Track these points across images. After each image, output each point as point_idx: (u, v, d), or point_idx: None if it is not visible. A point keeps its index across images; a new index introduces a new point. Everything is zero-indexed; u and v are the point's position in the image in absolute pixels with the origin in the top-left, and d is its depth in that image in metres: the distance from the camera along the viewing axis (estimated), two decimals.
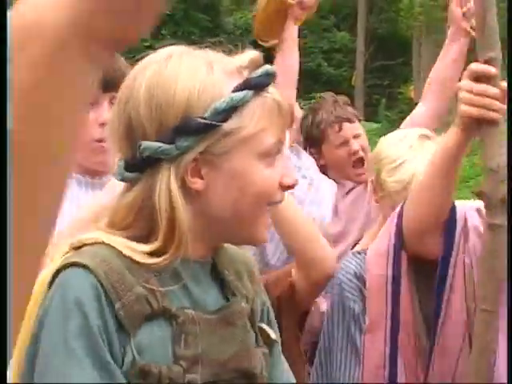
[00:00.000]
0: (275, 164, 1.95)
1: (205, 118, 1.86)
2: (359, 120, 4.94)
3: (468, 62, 3.43)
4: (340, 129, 4.70)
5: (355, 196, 4.59)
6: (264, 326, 2.11)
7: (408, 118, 4.53)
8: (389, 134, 3.83)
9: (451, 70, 4.22)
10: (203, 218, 1.96)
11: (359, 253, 3.61)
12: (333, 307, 3.46)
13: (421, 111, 4.31)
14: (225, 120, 1.88)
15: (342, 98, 4.93)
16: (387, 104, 29.40)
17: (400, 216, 3.10)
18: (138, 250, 1.87)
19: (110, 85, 3.02)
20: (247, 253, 2.24)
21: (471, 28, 3.98)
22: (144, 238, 1.90)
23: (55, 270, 1.83)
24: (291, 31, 4.32)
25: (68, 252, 1.88)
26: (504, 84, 2.72)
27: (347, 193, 4.73)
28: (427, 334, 3.15)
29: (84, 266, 1.80)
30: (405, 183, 3.35)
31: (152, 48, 2.11)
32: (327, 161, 4.80)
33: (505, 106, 2.69)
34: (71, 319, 1.75)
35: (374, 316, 3.22)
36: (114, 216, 1.94)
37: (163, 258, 1.86)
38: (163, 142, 1.87)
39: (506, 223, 2.63)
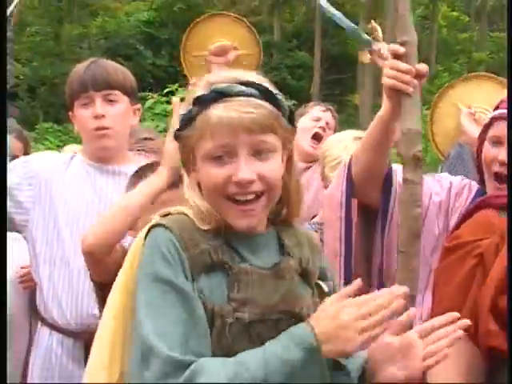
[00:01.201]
0: (226, 164, 1.95)
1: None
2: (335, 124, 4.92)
3: None
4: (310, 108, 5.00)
5: (315, 174, 4.47)
6: (320, 282, 2.12)
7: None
8: (330, 137, 4.03)
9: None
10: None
11: (318, 222, 3.76)
12: None
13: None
14: (183, 128, 2.02)
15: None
16: (338, 109, 29.30)
17: (349, 168, 3.03)
18: (199, 219, 2.00)
19: (102, 85, 3.21)
20: (311, 232, 2.38)
21: None
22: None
23: (148, 228, 2.01)
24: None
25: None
26: (419, 65, 2.73)
27: (304, 170, 4.75)
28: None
29: (164, 226, 1.96)
30: None
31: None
32: None
33: (415, 81, 2.66)
34: (156, 261, 1.92)
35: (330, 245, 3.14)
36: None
37: (212, 226, 1.99)
38: None
39: (418, 179, 2.59)
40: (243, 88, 1.95)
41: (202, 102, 1.95)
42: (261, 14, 32.98)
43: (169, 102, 18.25)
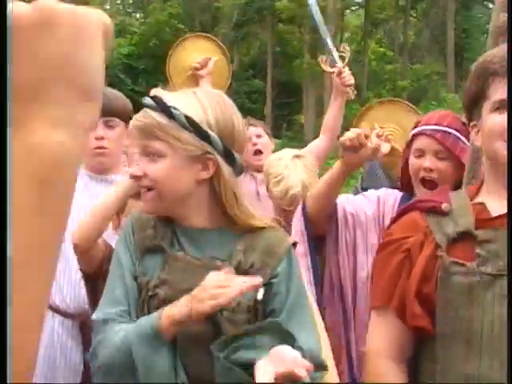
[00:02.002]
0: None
1: None
2: (267, 133, 4.77)
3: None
4: (246, 129, 4.63)
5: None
6: (260, 289, 1.98)
7: (309, 146, 4.41)
8: (271, 155, 3.89)
9: (335, 119, 4.21)
10: None
11: None
12: None
13: (318, 143, 4.21)
14: None
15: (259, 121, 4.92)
16: (287, 127, 29.59)
17: (304, 209, 3.07)
18: None
19: (104, 112, 3.05)
20: (282, 238, 2.15)
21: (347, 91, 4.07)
22: None
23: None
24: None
25: None
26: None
27: (263, 181, 4.57)
28: None
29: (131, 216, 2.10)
30: (284, 193, 3.44)
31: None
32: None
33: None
34: (119, 239, 2.10)
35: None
36: None
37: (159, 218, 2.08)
38: None
39: None
40: (146, 101, 1.99)
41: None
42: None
43: None
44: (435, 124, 2.80)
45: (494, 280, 1.89)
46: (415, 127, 2.88)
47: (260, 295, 1.97)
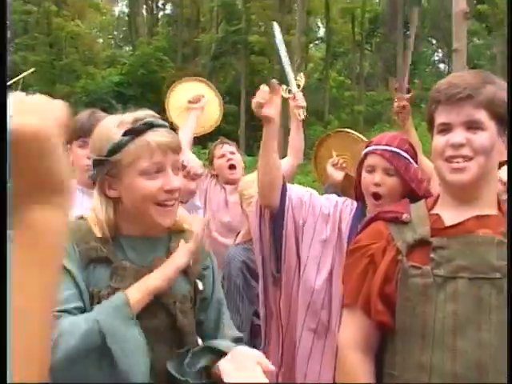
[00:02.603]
0: (155, 178, 1.92)
1: (101, 156, 1.94)
2: (239, 152, 4.91)
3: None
4: (221, 147, 4.79)
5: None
6: (197, 280, 2.08)
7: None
8: (245, 177, 3.90)
9: (297, 139, 4.21)
10: (124, 212, 1.97)
11: (242, 243, 3.73)
12: (224, 280, 3.47)
13: (286, 162, 4.12)
14: (111, 155, 1.92)
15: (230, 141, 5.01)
16: (257, 146, 29.50)
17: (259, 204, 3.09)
18: (97, 229, 1.96)
19: (83, 132, 3.18)
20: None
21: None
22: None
23: None
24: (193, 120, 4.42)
25: None
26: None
27: (232, 192, 4.65)
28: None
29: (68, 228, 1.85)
30: None
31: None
32: (216, 169, 4.82)
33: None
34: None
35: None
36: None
37: (101, 235, 1.95)
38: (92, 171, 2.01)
39: None
40: (161, 121, 1.97)
41: (134, 132, 1.91)
42: (203, 76, 33.08)
43: None
44: (385, 144, 2.82)
45: (445, 281, 1.93)
46: (368, 146, 2.91)
47: (201, 286, 2.08)
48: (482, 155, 1.95)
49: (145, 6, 39.86)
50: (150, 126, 1.92)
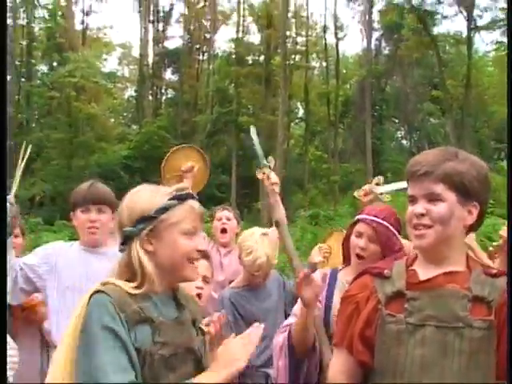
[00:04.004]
0: (192, 238, 1.97)
1: (149, 215, 1.95)
2: (237, 219, 4.91)
3: None
4: (221, 211, 4.88)
5: (234, 256, 4.41)
6: (201, 325, 2.11)
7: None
8: (245, 231, 3.86)
9: (277, 211, 3.94)
10: (157, 266, 1.96)
11: (236, 288, 3.74)
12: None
13: (273, 231, 3.99)
14: (158, 215, 1.95)
15: (234, 210, 5.08)
16: (248, 211, 29.59)
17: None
18: (129, 286, 1.91)
19: (97, 201, 3.32)
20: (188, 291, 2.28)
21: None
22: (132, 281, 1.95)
23: (90, 294, 1.89)
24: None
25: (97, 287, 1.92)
26: None
27: (226, 254, 4.69)
28: None
29: (104, 293, 1.86)
30: (253, 261, 3.49)
31: None
32: (212, 230, 4.87)
33: None
34: (100, 320, 1.82)
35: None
36: (117, 270, 2.00)
37: (141, 290, 1.92)
38: (132, 227, 1.95)
39: None
40: (194, 195, 2.05)
41: (180, 198, 1.98)
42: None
43: None
44: (374, 215, 2.89)
45: (415, 328, 1.95)
46: (360, 213, 2.98)
47: (205, 328, 2.12)
48: (440, 223, 1.98)
49: (150, 91, 40.23)
50: (191, 196, 2.02)
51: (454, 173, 1.97)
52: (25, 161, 3.42)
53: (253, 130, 3.93)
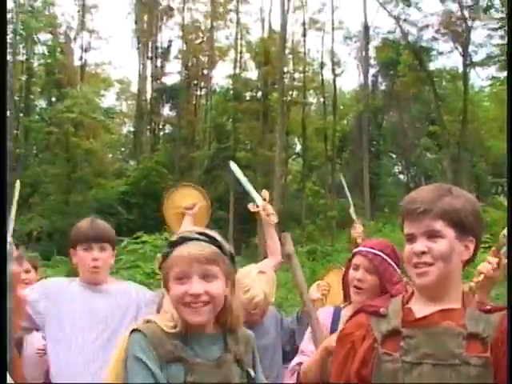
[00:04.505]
0: (185, 283, 1.98)
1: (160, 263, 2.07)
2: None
3: None
4: None
5: None
6: (249, 369, 2.12)
7: (260, 263, 4.22)
8: (241, 269, 3.71)
9: (273, 243, 4.14)
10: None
11: None
12: None
13: (268, 262, 4.10)
14: (162, 264, 2.05)
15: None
16: (245, 247, 29.52)
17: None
18: (166, 325, 1.99)
19: (98, 240, 3.29)
20: (250, 334, 2.25)
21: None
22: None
23: (130, 331, 1.99)
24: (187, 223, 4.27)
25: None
26: None
27: None
28: None
29: (139, 331, 1.97)
30: (250, 299, 3.40)
31: None
32: None
33: None
34: (137, 351, 1.93)
35: None
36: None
37: (176, 330, 1.98)
38: None
39: None
40: (196, 235, 2.03)
41: (174, 244, 2.02)
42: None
43: (137, 243, 18.48)
44: (370, 247, 2.91)
45: (412, 367, 1.93)
46: (357, 246, 3.03)
47: (253, 373, 2.13)
48: (442, 260, 1.97)
49: (148, 127, 40.50)
50: (183, 239, 2.02)
51: (451, 209, 1.98)
52: (16, 201, 3.47)
53: (233, 167, 3.93)
